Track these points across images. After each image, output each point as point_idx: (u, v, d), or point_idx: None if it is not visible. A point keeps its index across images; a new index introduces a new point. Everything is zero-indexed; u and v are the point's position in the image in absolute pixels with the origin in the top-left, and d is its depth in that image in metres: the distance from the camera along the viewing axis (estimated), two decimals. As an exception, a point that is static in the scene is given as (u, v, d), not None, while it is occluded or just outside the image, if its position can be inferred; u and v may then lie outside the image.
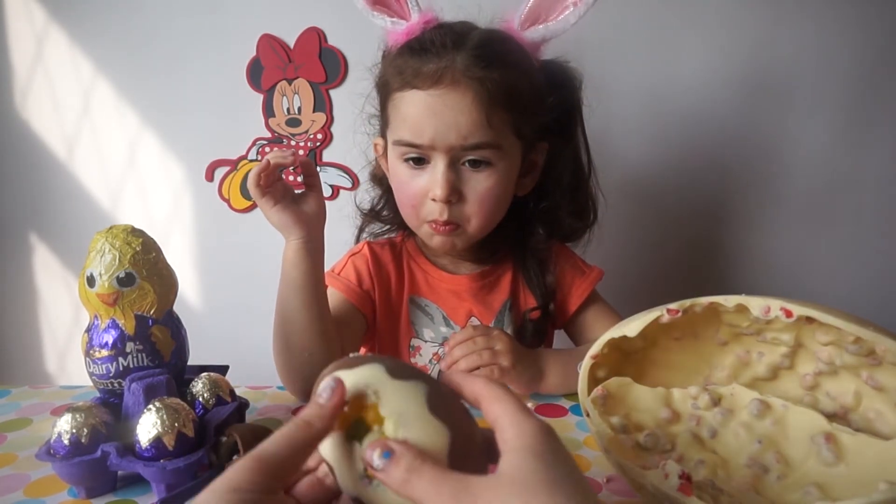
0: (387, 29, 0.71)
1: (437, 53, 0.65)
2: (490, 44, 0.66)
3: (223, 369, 0.61)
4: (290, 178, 1.06)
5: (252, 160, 1.16)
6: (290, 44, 1.11)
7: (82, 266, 0.52)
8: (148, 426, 0.47)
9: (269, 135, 1.15)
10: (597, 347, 0.52)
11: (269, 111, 1.14)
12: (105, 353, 0.52)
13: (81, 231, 1.18)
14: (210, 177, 1.17)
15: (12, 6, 1.11)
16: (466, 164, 0.68)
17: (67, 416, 0.48)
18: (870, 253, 1.19)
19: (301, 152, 1.15)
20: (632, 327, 0.50)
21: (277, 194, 0.62)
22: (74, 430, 0.47)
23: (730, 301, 0.48)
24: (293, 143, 1.16)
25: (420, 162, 0.69)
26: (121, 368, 0.52)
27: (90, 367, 0.53)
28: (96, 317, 0.53)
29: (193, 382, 0.54)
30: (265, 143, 1.16)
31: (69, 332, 1.26)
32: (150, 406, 0.48)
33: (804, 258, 1.19)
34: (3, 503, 0.47)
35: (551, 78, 0.73)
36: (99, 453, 0.47)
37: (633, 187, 1.14)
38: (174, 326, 0.55)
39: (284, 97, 1.13)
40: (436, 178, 0.67)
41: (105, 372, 0.52)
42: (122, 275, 0.51)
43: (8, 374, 1.27)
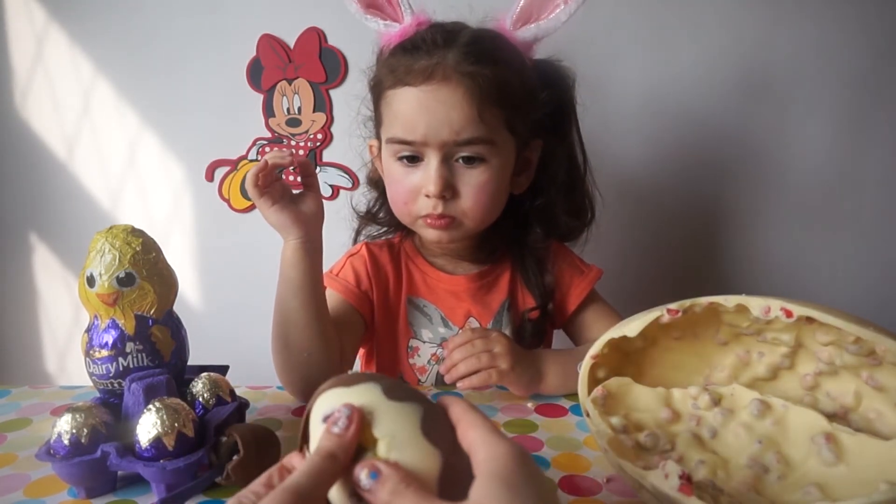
0: (380, 32, 0.71)
1: (427, 51, 0.66)
2: (481, 41, 0.67)
3: (223, 369, 0.61)
4: (289, 178, 1.06)
5: (252, 160, 1.16)
6: (290, 44, 1.11)
7: (82, 266, 0.52)
8: (148, 426, 0.47)
9: (269, 135, 1.15)
10: (597, 347, 0.52)
11: (269, 111, 1.14)
12: (105, 353, 0.52)
13: (81, 231, 1.17)
14: (210, 177, 1.17)
15: (12, 6, 1.11)
16: (460, 161, 0.68)
17: (67, 417, 0.48)
18: (870, 253, 1.19)
19: (301, 152, 1.15)
20: (632, 327, 0.50)
21: (276, 194, 0.62)
22: (74, 431, 0.47)
23: (730, 301, 0.49)
24: (293, 143, 1.16)
25: (414, 160, 0.69)
26: (121, 368, 0.52)
27: (90, 367, 0.53)
28: (96, 317, 0.53)
29: (193, 382, 0.54)
30: (265, 143, 1.16)
31: (69, 332, 1.26)
32: (150, 406, 0.48)
33: (804, 258, 1.19)
34: (3, 503, 0.47)
35: (544, 77, 0.73)
36: (99, 453, 0.47)
37: (631, 187, 1.14)
38: (174, 326, 0.55)
39: (284, 97, 1.13)
40: (429, 174, 0.67)
41: (105, 372, 0.52)
42: (122, 275, 0.51)
43: (8, 374, 1.27)
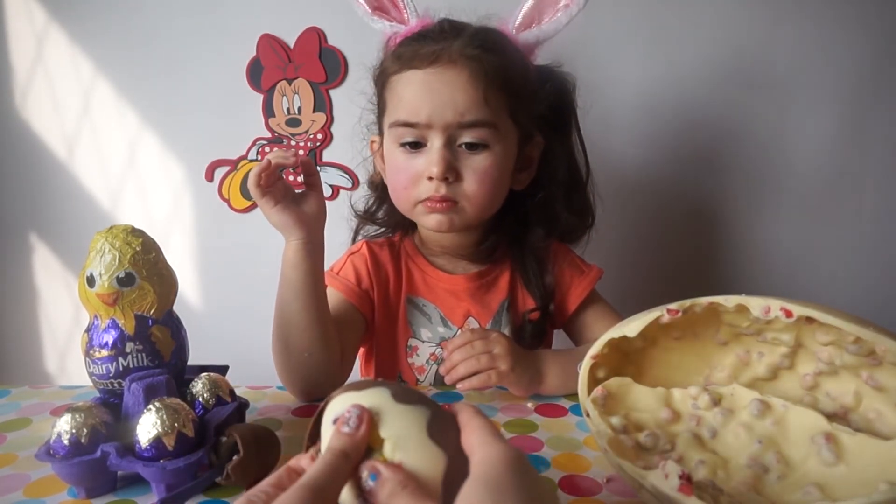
0: (386, 33, 0.73)
1: (434, 39, 0.67)
2: (487, 32, 0.69)
3: (223, 369, 0.61)
4: (291, 177, 1.06)
5: (252, 160, 1.16)
6: (290, 44, 1.11)
7: (82, 266, 0.52)
8: (148, 426, 0.47)
9: (269, 135, 1.15)
10: (597, 347, 0.52)
11: (269, 111, 1.14)
12: (105, 353, 0.52)
13: (81, 231, 1.17)
14: (210, 177, 1.17)
15: (12, 6, 1.11)
16: (463, 147, 0.67)
17: (67, 417, 0.48)
18: (870, 252, 1.19)
19: (301, 152, 1.15)
20: (632, 327, 0.50)
21: (278, 194, 0.62)
22: (74, 431, 0.47)
23: (730, 301, 0.49)
24: (293, 143, 1.16)
25: (416, 146, 0.68)
26: (121, 368, 0.52)
27: (90, 367, 0.53)
28: (96, 317, 0.53)
29: (193, 382, 0.54)
30: (265, 143, 1.16)
31: (69, 332, 1.25)
32: (150, 406, 0.48)
33: (804, 258, 1.19)
34: (3, 503, 0.47)
35: (545, 81, 0.75)
36: (99, 453, 0.47)
37: (631, 187, 1.14)
38: (174, 326, 0.55)
39: (284, 97, 1.13)
40: (432, 157, 0.67)
41: (105, 372, 0.52)
42: (122, 275, 0.51)
43: (8, 374, 1.27)
